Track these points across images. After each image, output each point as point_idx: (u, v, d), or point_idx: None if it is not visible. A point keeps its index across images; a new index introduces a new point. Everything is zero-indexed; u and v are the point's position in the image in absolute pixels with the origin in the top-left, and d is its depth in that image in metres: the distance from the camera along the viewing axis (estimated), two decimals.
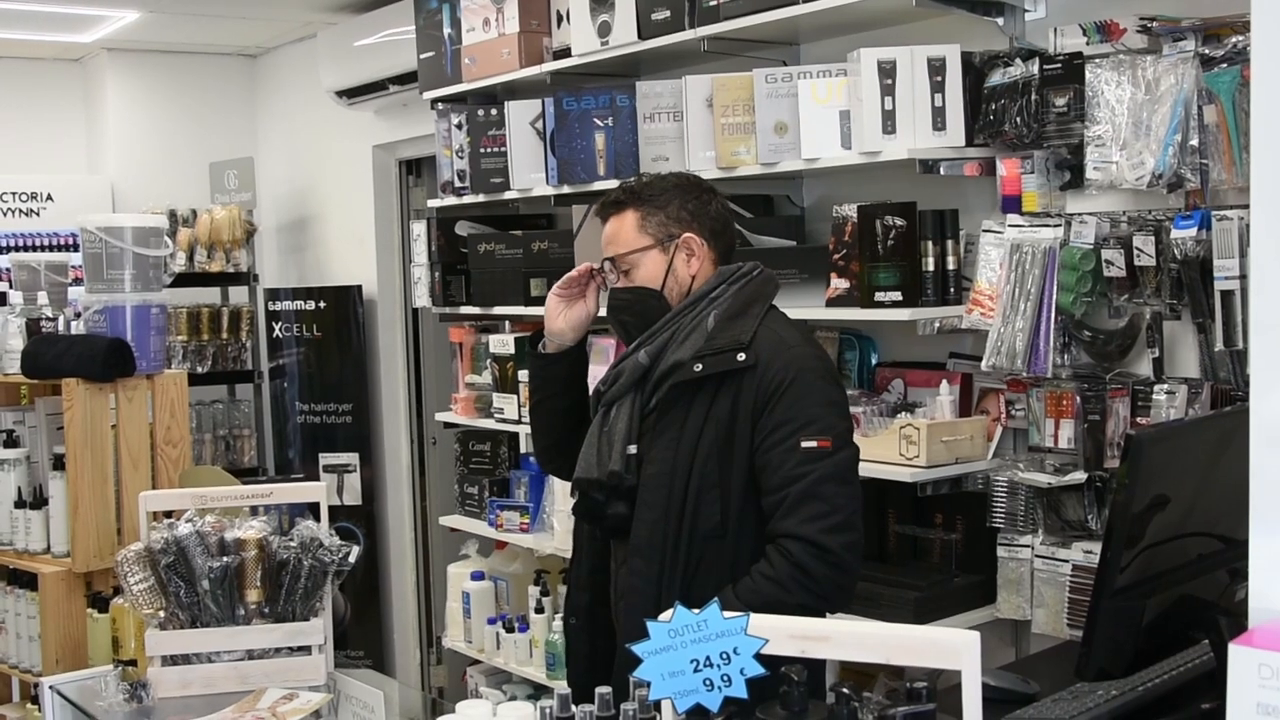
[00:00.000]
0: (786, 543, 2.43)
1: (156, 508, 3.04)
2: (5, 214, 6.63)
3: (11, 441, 3.92)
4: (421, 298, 4.98)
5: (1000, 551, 3.32)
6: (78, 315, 3.89)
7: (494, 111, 4.48)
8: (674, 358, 2.58)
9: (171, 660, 2.82)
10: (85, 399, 3.65)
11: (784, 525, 2.44)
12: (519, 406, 4.41)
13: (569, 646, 2.85)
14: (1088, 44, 3.08)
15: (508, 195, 4.50)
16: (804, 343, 2.61)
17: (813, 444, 2.44)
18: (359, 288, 6.25)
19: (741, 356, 2.50)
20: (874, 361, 3.76)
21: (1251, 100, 1.50)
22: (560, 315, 2.80)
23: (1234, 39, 2.81)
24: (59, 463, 3.77)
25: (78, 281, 4.06)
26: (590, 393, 2.85)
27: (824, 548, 2.40)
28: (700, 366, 2.52)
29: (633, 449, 2.60)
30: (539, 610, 4.43)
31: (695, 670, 1.57)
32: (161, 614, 2.83)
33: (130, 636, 3.22)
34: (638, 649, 1.60)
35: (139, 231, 3.78)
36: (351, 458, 6.20)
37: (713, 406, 2.53)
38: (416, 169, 6.31)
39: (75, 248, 6.01)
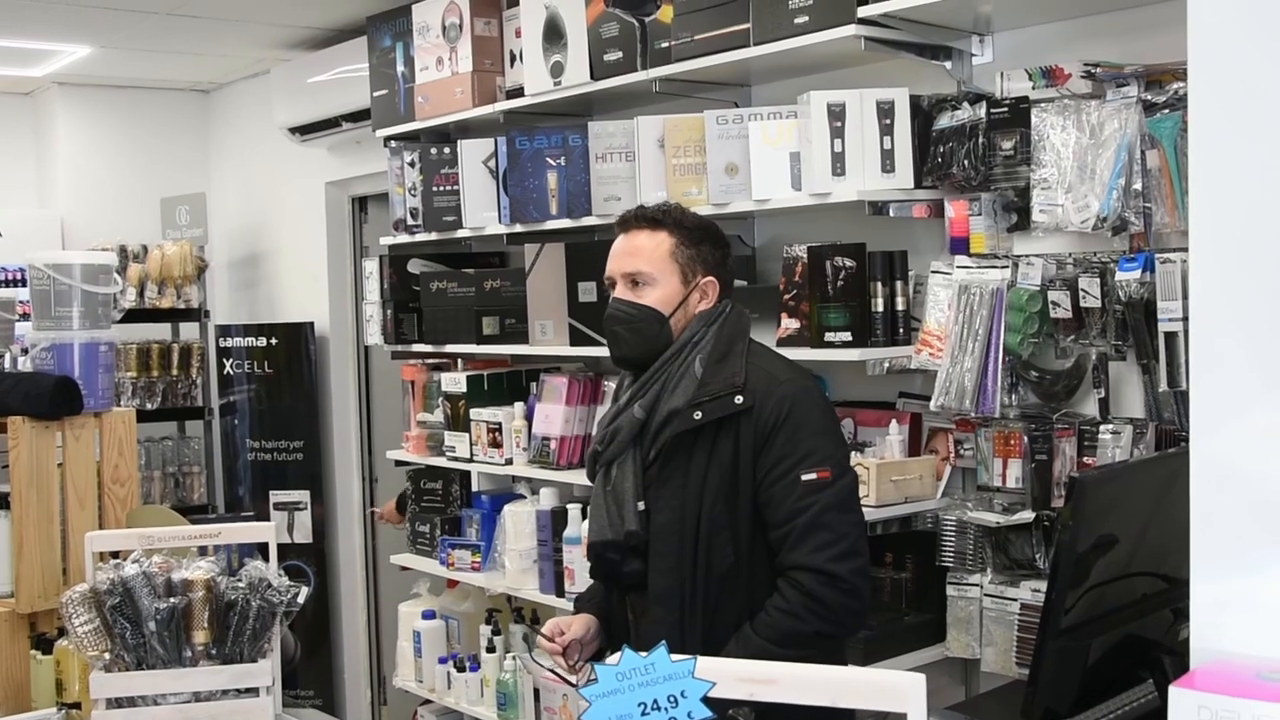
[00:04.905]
0: (797, 574, 2.48)
1: (103, 548, 3.01)
2: None
3: None
4: (373, 335, 4.96)
5: (949, 590, 3.35)
6: (25, 352, 3.85)
7: (447, 150, 4.49)
8: (669, 407, 2.61)
9: (116, 703, 2.78)
10: (31, 437, 3.61)
11: (792, 558, 2.49)
12: (470, 444, 4.40)
13: None
14: (1033, 88, 3.12)
15: (460, 233, 4.50)
16: (791, 374, 2.65)
17: (812, 476, 2.50)
18: (311, 324, 6.23)
19: (739, 399, 2.54)
20: None
21: (1189, 146, 1.53)
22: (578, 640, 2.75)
23: (1175, 85, 2.86)
24: (3, 502, 3.71)
25: (25, 317, 4.01)
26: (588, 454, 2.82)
27: (833, 575, 2.46)
28: (700, 414, 2.56)
29: (642, 505, 2.62)
30: (490, 650, 4.41)
31: (643, 714, 1.56)
32: (107, 656, 2.79)
33: (75, 679, 3.17)
34: (585, 692, 1.59)
35: (88, 269, 3.75)
36: (302, 495, 6.16)
37: (714, 451, 2.56)
38: (369, 206, 6.30)
39: (23, 283, 5.96)
